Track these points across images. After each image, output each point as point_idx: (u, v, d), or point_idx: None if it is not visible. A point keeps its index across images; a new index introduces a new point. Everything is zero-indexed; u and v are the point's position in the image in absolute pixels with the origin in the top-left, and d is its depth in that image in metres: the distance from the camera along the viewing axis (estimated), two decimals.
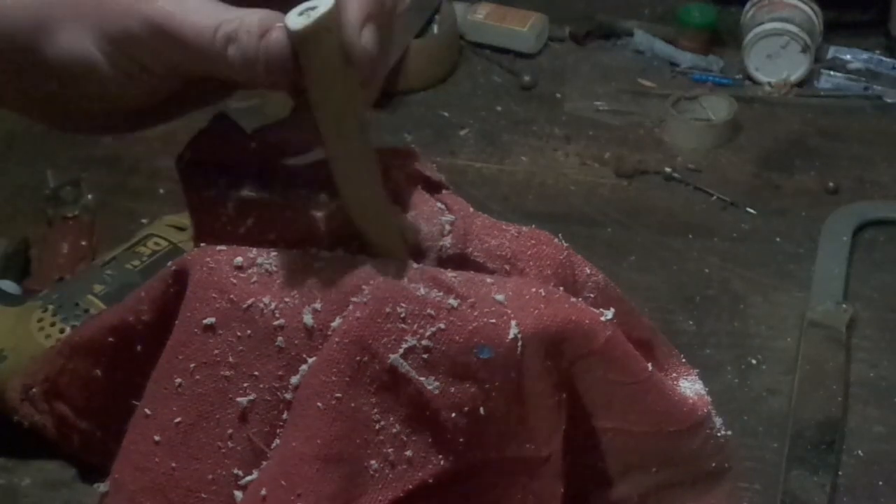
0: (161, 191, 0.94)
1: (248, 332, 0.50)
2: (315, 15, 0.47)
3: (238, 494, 0.51)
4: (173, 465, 0.52)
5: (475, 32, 1.18)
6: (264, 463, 0.51)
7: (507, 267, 0.54)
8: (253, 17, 0.49)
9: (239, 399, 0.50)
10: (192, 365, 0.51)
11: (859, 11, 1.20)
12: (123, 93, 0.53)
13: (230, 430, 0.51)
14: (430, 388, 0.48)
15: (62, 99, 0.54)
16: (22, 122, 1.03)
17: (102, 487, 0.55)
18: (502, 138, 1.06)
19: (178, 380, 0.51)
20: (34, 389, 0.62)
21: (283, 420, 0.50)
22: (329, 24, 0.48)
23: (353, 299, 0.49)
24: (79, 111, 0.55)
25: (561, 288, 0.54)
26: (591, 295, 0.55)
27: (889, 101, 1.10)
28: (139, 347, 0.55)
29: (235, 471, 0.51)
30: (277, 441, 0.50)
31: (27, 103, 0.55)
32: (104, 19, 0.50)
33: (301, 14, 0.48)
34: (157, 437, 0.52)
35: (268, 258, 0.51)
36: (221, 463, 0.51)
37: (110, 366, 0.58)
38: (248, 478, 0.51)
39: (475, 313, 0.49)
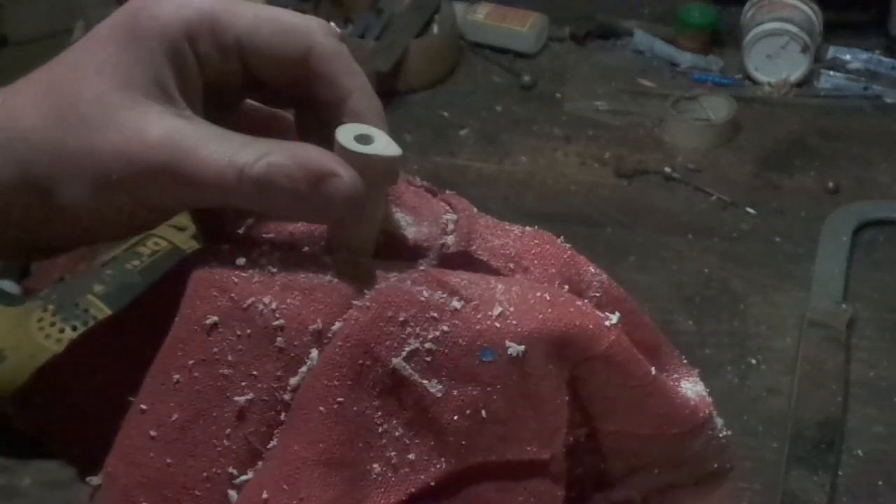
0: None
1: (248, 331, 0.50)
2: (385, 147, 0.49)
3: (232, 494, 0.51)
4: (168, 461, 0.51)
5: (475, 32, 1.18)
6: (259, 463, 0.50)
7: (511, 265, 0.54)
8: (285, 156, 0.47)
9: (237, 398, 0.50)
10: (190, 362, 0.51)
11: (859, 11, 1.20)
12: (116, 230, 0.52)
13: (227, 429, 0.51)
14: (432, 391, 0.48)
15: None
16: None
17: (95, 481, 0.55)
18: (502, 138, 1.06)
19: (177, 376, 0.51)
20: (37, 399, 0.62)
21: (281, 421, 0.50)
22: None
23: (355, 302, 0.49)
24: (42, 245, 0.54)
25: (566, 287, 0.54)
26: (597, 294, 0.55)
27: (889, 101, 1.10)
28: (145, 351, 0.55)
29: (231, 469, 0.51)
30: (274, 442, 0.50)
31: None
32: (103, 172, 0.48)
33: (359, 140, 0.49)
34: (153, 433, 0.52)
35: (270, 258, 0.51)
36: (217, 461, 0.51)
37: (112, 370, 0.58)
38: (243, 477, 0.51)
39: (478, 316, 0.49)
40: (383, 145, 0.50)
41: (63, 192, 0.49)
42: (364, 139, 0.49)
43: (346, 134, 0.49)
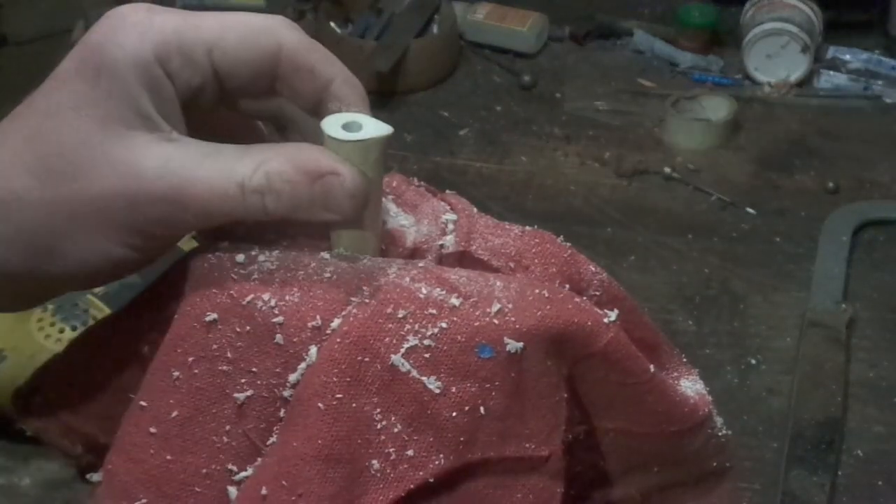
0: None
1: (248, 328, 0.50)
2: (375, 129, 0.49)
3: (232, 490, 0.51)
4: (168, 457, 0.51)
5: (475, 32, 1.19)
6: (259, 459, 0.50)
7: (512, 265, 0.54)
8: (282, 162, 0.47)
9: (236, 395, 0.50)
10: (190, 359, 0.51)
11: (859, 11, 1.20)
12: (124, 268, 0.51)
13: (227, 426, 0.51)
14: (431, 387, 0.48)
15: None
16: None
17: (95, 477, 0.55)
18: (502, 138, 1.06)
19: (176, 373, 0.51)
20: (37, 398, 0.62)
21: (280, 417, 0.50)
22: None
23: (354, 299, 0.49)
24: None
25: (567, 286, 0.54)
26: (597, 293, 0.55)
27: (889, 101, 1.10)
28: (144, 349, 0.55)
29: (230, 466, 0.51)
30: (273, 438, 0.50)
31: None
32: (105, 216, 0.47)
33: (346, 128, 0.48)
34: (152, 430, 0.52)
35: (269, 256, 0.51)
36: (216, 457, 0.51)
37: (114, 367, 0.58)
38: (243, 473, 0.51)
39: (477, 312, 0.49)
40: (373, 128, 0.49)
41: (67, 247, 0.48)
42: (352, 126, 0.49)
43: (332, 127, 0.49)
